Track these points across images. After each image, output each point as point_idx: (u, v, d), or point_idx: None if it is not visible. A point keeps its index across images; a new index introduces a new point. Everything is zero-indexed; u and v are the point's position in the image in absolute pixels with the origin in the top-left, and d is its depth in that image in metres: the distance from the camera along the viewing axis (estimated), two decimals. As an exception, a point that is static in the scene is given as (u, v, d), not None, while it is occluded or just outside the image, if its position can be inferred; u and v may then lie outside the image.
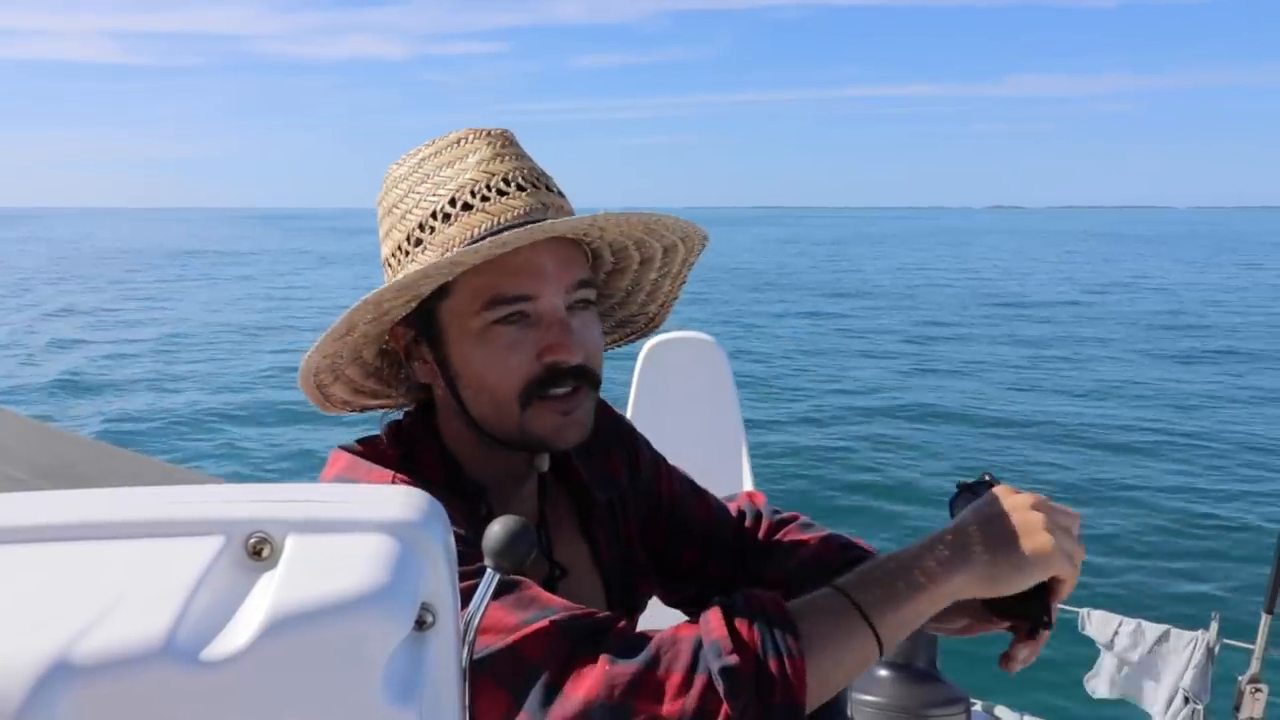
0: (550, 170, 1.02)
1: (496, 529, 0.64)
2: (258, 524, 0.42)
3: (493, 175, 0.97)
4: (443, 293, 0.95)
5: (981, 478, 1.02)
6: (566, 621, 0.83)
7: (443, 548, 0.46)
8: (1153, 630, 3.14)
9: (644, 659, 0.80)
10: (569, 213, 0.99)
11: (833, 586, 0.89)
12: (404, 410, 1.09)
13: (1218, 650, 3.04)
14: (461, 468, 1.03)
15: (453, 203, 0.96)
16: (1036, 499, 0.94)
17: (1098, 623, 3.25)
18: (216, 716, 0.38)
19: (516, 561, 0.63)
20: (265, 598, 0.39)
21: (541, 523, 1.09)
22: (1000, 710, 2.92)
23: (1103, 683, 3.26)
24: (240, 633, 0.38)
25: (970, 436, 11.47)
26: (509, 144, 1.00)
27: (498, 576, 0.63)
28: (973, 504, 0.95)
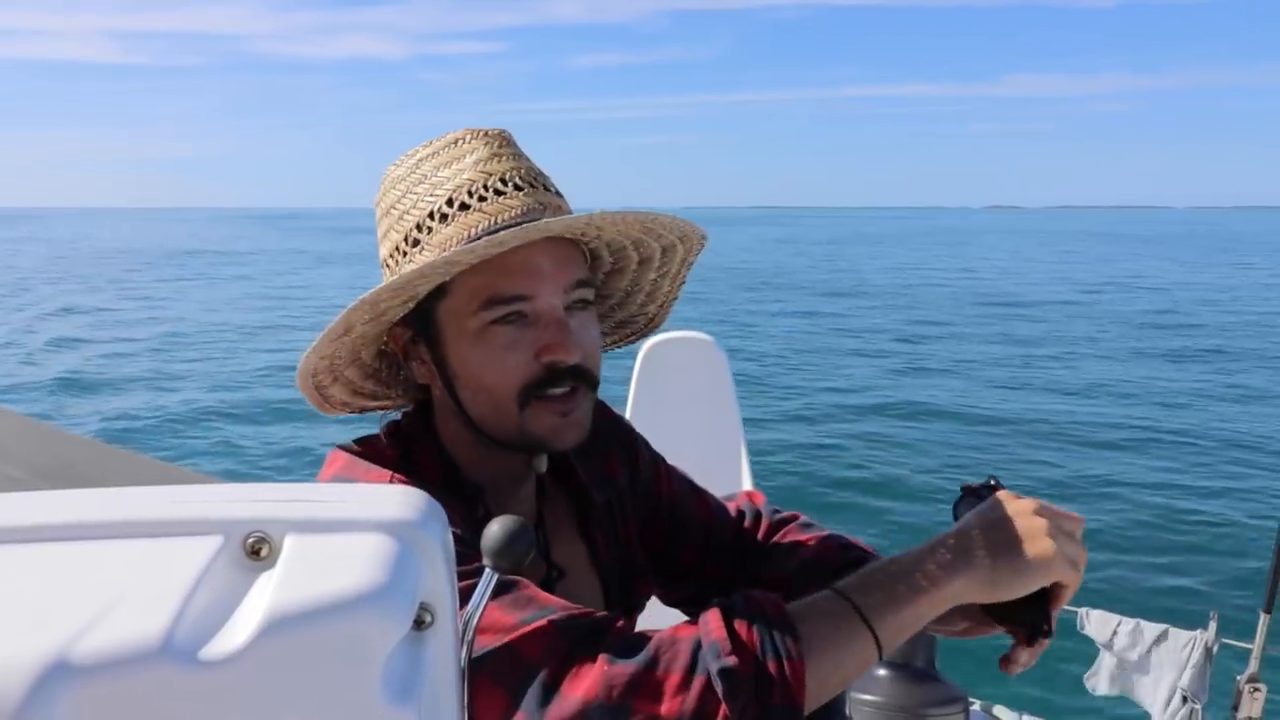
0: (548, 170, 1.02)
1: (495, 529, 0.64)
2: (256, 524, 0.42)
3: (490, 175, 0.96)
4: (440, 293, 0.95)
5: (987, 481, 1.02)
6: (565, 621, 0.83)
7: (441, 547, 0.46)
8: (1151, 629, 3.14)
9: (643, 659, 0.80)
10: (567, 213, 0.99)
11: (833, 589, 0.89)
12: (402, 410, 1.09)
13: (1216, 649, 3.04)
14: (459, 468, 1.03)
15: (450, 203, 0.96)
16: (1039, 504, 0.94)
17: (1096, 622, 3.25)
18: (215, 716, 0.38)
19: (515, 561, 0.63)
20: (264, 597, 0.39)
21: (540, 523, 1.09)
22: (999, 709, 2.92)
23: (1102, 681, 3.27)
24: (239, 632, 0.38)
25: (962, 434, 11.46)
26: (506, 144, 1.00)
27: (496, 576, 0.62)
28: (976, 508, 0.95)
